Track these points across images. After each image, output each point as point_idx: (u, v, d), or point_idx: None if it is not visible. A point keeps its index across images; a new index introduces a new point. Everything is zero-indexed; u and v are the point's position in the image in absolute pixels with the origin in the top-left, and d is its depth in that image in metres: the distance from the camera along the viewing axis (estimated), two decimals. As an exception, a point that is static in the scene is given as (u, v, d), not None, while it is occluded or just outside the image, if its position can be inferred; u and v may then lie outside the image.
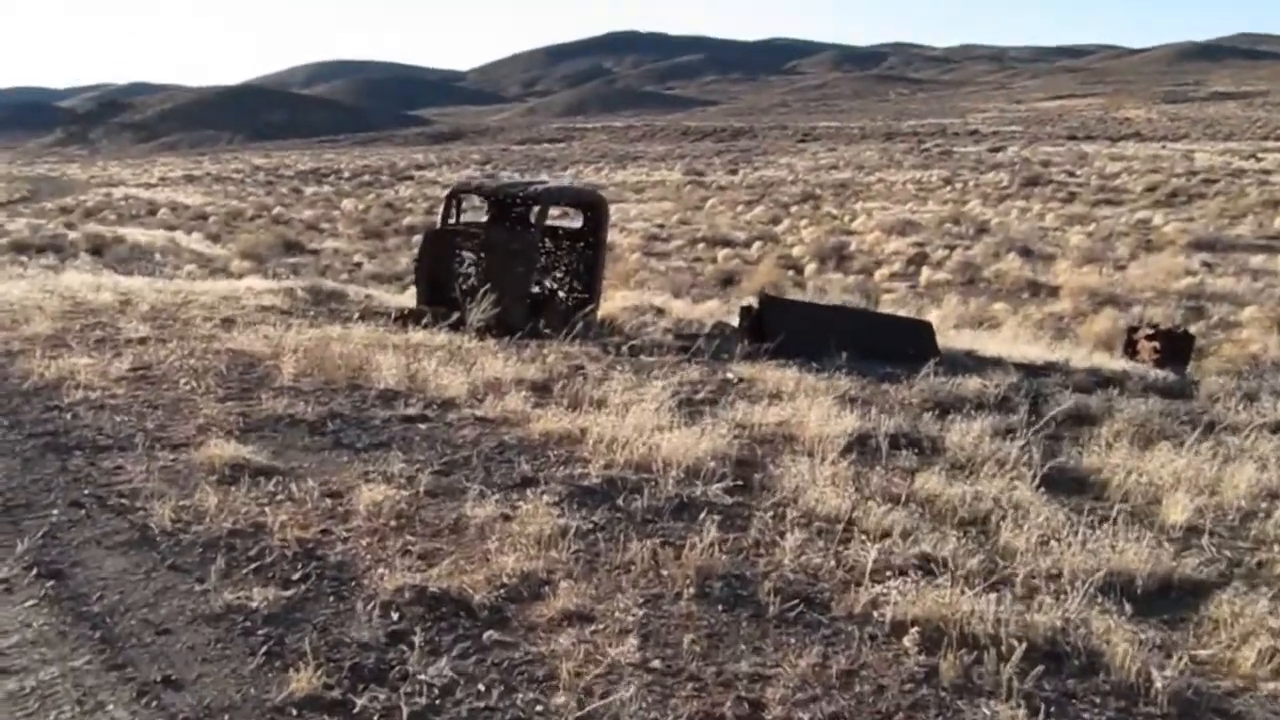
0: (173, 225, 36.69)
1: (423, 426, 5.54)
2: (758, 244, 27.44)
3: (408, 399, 6.02)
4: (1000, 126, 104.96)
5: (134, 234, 28.22)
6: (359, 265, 23.93)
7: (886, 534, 3.97)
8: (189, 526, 4.13)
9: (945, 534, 4.00)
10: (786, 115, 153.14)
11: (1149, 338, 10.89)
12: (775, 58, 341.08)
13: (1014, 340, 12.56)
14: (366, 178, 69.80)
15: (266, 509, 4.29)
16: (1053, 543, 3.96)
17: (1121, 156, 60.67)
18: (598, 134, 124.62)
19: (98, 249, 19.30)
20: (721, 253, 26.06)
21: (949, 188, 45.48)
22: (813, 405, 5.96)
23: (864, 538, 3.94)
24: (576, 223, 11.25)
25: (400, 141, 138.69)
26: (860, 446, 5.29)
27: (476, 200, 11.98)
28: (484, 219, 11.36)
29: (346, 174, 73.78)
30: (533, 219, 10.47)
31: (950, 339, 10.37)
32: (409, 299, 12.62)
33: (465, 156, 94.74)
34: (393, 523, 4.15)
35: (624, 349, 8.46)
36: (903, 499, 4.38)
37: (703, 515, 4.07)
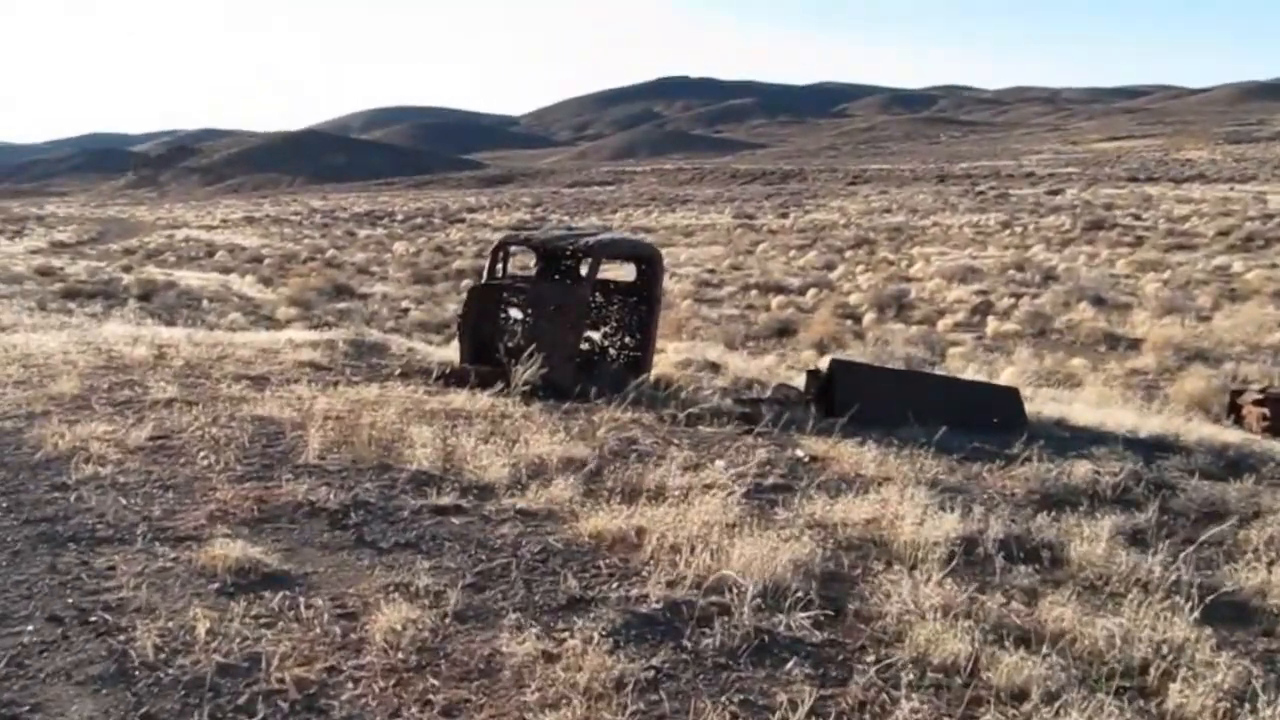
0: (228, 267, 36.88)
1: (456, 521, 4.85)
2: (812, 291, 26.65)
3: (441, 484, 5.34)
4: (1056, 168, 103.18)
5: (188, 277, 28.25)
6: (406, 311, 23.55)
7: (1022, 694, 3.18)
8: (174, 658, 3.47)
9: (1096, 694, 3.19)
10: (836, 158, 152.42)
11: (1257, 403, 9.94)
12: (824, 101, 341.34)
13: (1102, 403, 11.62)
14: (419, 220, 70.26)
15: (266, 634, 3.62)
16: (1241, 712, 3.14)
17: (1188, 199, 58.89)
18: (647, 176, 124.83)
19: (148, 294, 19.12)
20: (775, 300, 25.32)
21: (1008, 232, 44.33)
22: (903, 499, 5.17)
23: (994, 699, 3.15)
24: (627, 273, 10.63)
25: (454, 184, 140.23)
26: (965, 554, 4.50)
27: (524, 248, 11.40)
28: (532, 270, 10.81)
29: (400, 216, 74.39)
30: (584, 272, 9.86)
31: (1035, 404, 9.50)
32: (453, 352, 12.05)
33: (516, 199, 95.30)
34: (414, 658, 3.45)
35: (680, 418, 7.74)
36: (1033, 638, 3.57)
37: (790, 664, 3.32)
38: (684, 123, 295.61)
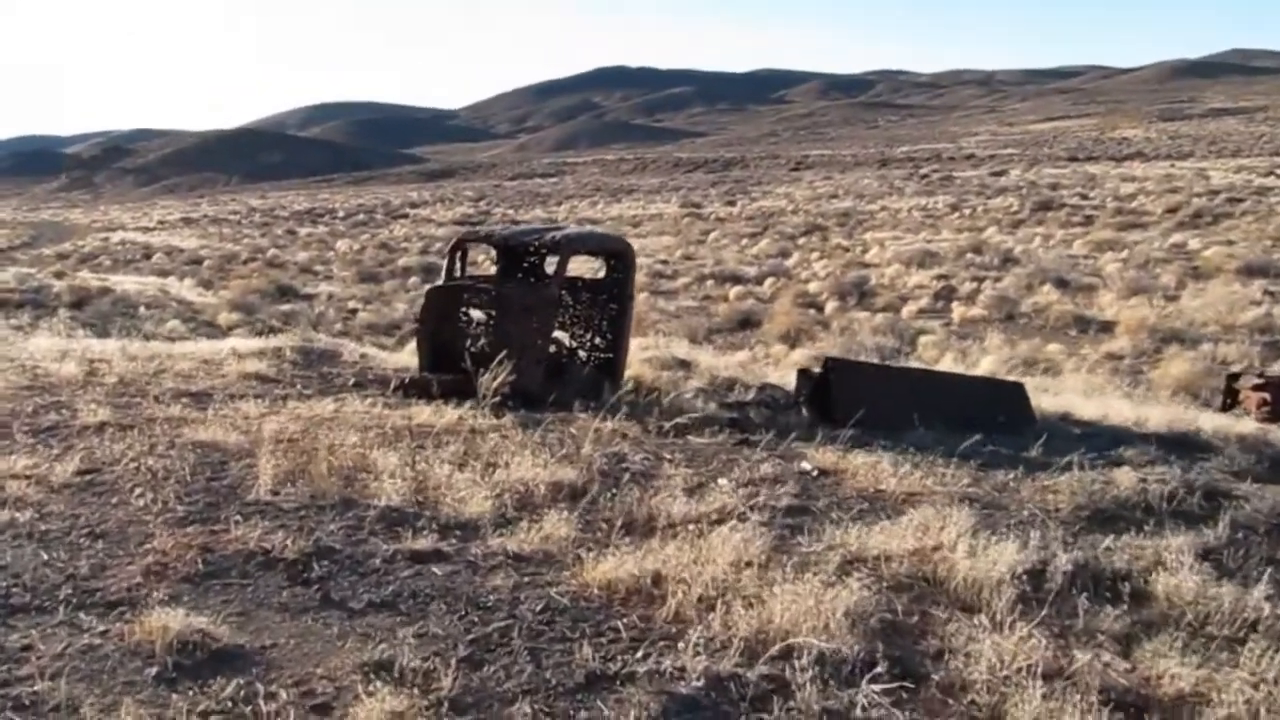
0: (167, 270, 35.37)
1: (438, 571, 4.15)
2: (770, 280, 26.10)
3: (416, 523, 4.63)
4: (995, 150, 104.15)
5: (124, 282, 26.87)
6: (354, 313, 22.55)
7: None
8: (100, 785, 2.75)
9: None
10: (777, 144, 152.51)
11: (1257, 388, 9.55)
12: (762, 88, 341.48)
13: (1091, 392, 11.22)
14: (361, 217, 68.58)
15: (218, 742, 2.91)
16: None
17: (1132, 177, 59.44)
18: (589, 168, 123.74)
19: (80, 302, 17.95)
20: (733, 290, 24.74)
21: (958, 214, 44.27)
22: (943, 521, 4.59)
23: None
24: (594, 269, 9.95)
25: (394, 180, 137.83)
26: (1035, 590, 3.91)
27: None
28: (492, 269, 10.08)
29: (341, 213, 72.60)
30: (550, 270, 9.16)
31: (1036, 398, 9.00)
32: (408, 356, 11.25)
33: (459, 193, 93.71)
34: (405, 771, 2.77)
35: (666, 427, 7.10)
36: (1152, 705, 2.99)
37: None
38: (623, 113, 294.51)
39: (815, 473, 6.04)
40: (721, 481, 5.66)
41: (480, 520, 4.67)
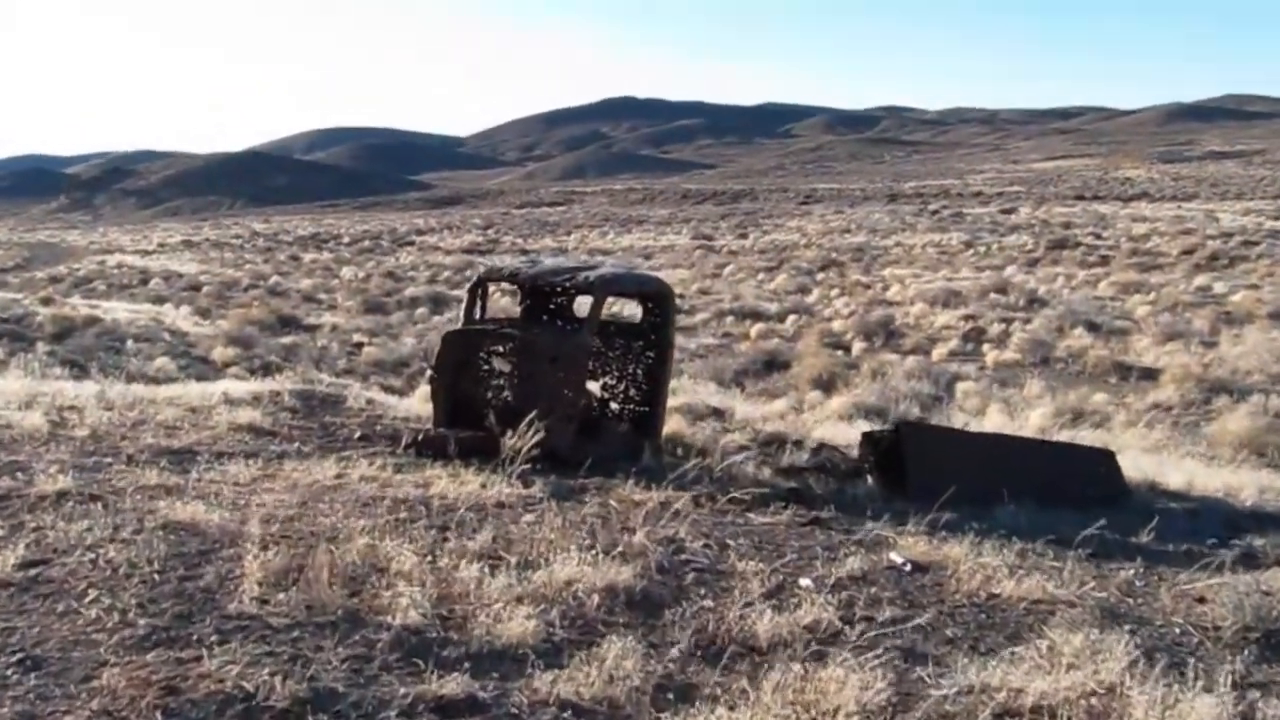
0: (163, 296, 34.45)
1: (474, 731, 3.18)
2: (792, 317, 25.22)
3: (442, 650, 3.66)
4: (1002, 187, 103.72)
5: (116, 309, 25.97)
6: (359, 346, 21.57)
7: None
8: None
9: None
10: (785, 178, 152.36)
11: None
12: (769, 122, 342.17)
13: (1156, 451, 10.30)
14: (367, 243, 67.93)
15: None
16: None
17: (1142, 217, 58.97)
18: (597, 197, 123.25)
19: (64, 333, 16.93)
20: (755, 328, 23.83)
21: (972, 252, 43.59)
22: (1092, 650, 3.65)
23: None
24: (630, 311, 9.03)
25: (400, 206, 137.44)
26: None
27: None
28: (516, 310, 9.16)
29: (346, 239, 71.98)
30: (581, 313, 8.24)
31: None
32: (419, 402, 10.32)
33: (466, 220, 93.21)
34: None
35: (722, 501, 6.16)
36: None
37: None
38: (631, 143, 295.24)
39: (908, 567, 5.09)
40: (804, 582, 4.71)
41: (521, 647, 3.69)
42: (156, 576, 4.31)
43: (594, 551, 4.72)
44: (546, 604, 4.07)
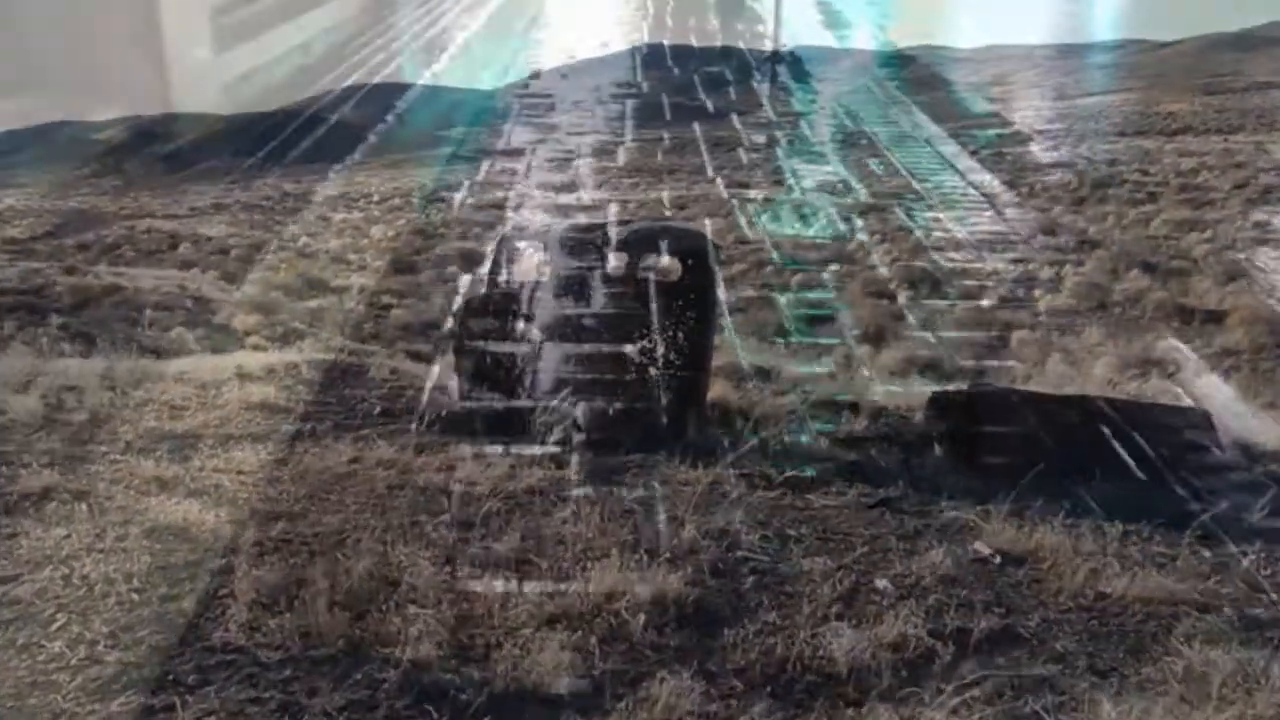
0: (190, 261, 34.10)
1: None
2: (833, 266, 24.33)
3: (460, 694, 3.05)
4: (1042, 125, 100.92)
5: (141, 276, 25.57)
6: (387, 309, 21.04)
7: None
8: None
9: None
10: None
11: None
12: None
13: (1250, 400, 9.52)
14: (397, 201, 67.21)
15: None
16: None
17: (1188, 152, 56.87)
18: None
19: (82, 304, 16.49)
20: (795, 278, 22.99)
21: (1015, 193, 42.22)
22: (1250, 676, 2.97)
23: None
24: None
25: (431, 162, 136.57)
26: None
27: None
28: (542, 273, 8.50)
29: (376, 198, 71.33)
30: (616, 272, 7.56)
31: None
32: (446, 371, 9.76)
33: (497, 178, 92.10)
34: None
35: (776, 478, 5.52)
36: None
37: None
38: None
39: (998, 559, 4.42)
40: (881, 584, 4.06)
41: (555, 686, 3.08)
42: (135, 597, 3.74)
43: (633, 546, 4.10)
44: (585, 626, 3.44)
